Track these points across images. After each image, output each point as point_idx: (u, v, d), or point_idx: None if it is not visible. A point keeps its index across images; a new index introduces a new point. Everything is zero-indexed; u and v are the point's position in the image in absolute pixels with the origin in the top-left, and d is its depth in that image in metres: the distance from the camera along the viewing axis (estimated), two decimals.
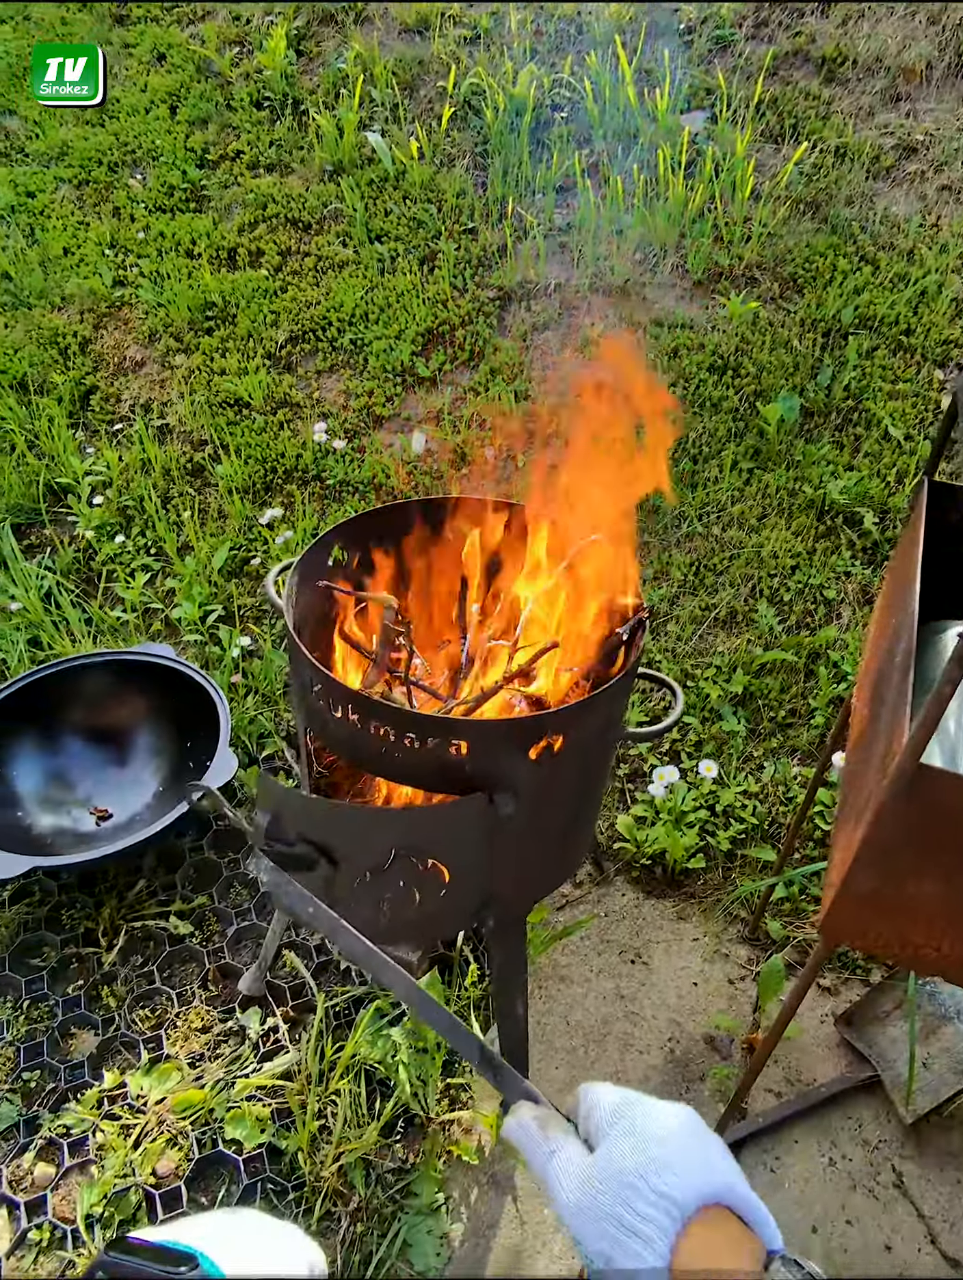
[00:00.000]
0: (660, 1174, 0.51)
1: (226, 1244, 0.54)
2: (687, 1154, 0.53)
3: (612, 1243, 0.51)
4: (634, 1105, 0.57)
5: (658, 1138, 0.54)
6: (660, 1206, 0.50)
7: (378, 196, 3.14)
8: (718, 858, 1.85)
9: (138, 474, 2.62)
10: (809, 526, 2.37)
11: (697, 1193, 0.51)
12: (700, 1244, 0.50)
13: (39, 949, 1.65)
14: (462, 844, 1.11)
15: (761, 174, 3.00)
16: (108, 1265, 0.51)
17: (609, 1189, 0.52)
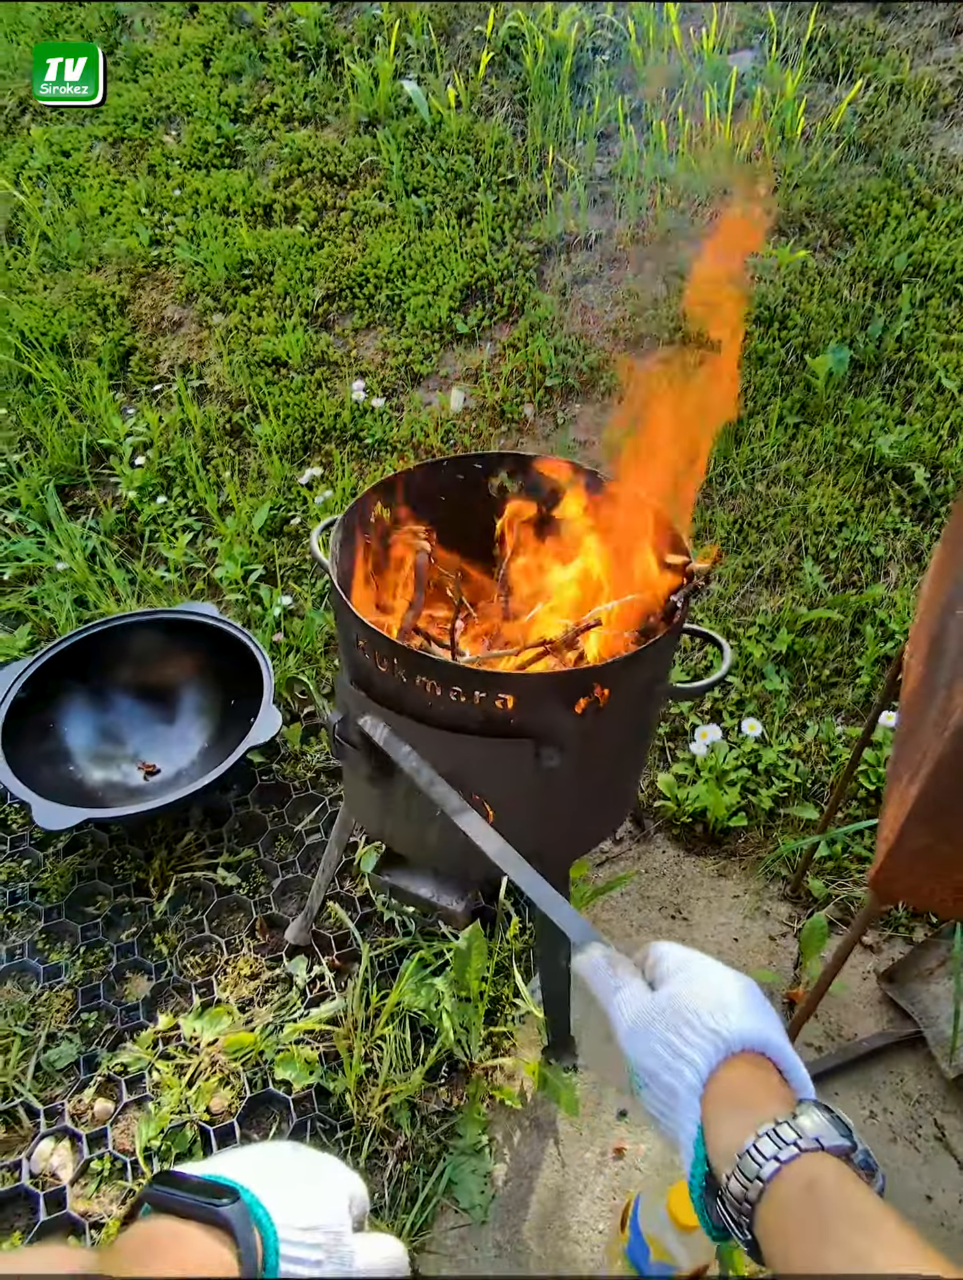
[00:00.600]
0: (713, 1013, 0.58)
1: (268, 1177, 0.56)
2: (741, 1003, 0.59)
3: (658, 1061, 0.58)
4: (699, 960, 0.64)
5: (717, 985, 0.60)
6: (708, 1039, 0.56)
7: (414, 148, 3.08)
8: (760, 816, 1.85)
9: (178, 435, 2.63)
10: (857, 483, 2.31)
11: (742, 1035, 0.56)
12: (736, 1075, 0.56)
13: (93, 898, 1.70)
14: (505, 786, 1.11)
15: (811, 115, 2.88)
16: (153, 1197, 0.52)
17: (665, 1018, 0.59)
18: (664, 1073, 0.58)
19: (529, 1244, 1.29)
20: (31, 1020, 1.51)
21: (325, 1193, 0.58)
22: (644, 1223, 1.02)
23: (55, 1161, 1.34)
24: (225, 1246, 0.49)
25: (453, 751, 1.10)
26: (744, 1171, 0.51)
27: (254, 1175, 0.55)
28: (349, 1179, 0.61)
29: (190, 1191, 0.52)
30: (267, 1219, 0.53)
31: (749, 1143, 0.51)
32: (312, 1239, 0.54)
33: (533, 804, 1.14)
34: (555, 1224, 1.31)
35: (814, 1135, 0.51)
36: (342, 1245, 0.56)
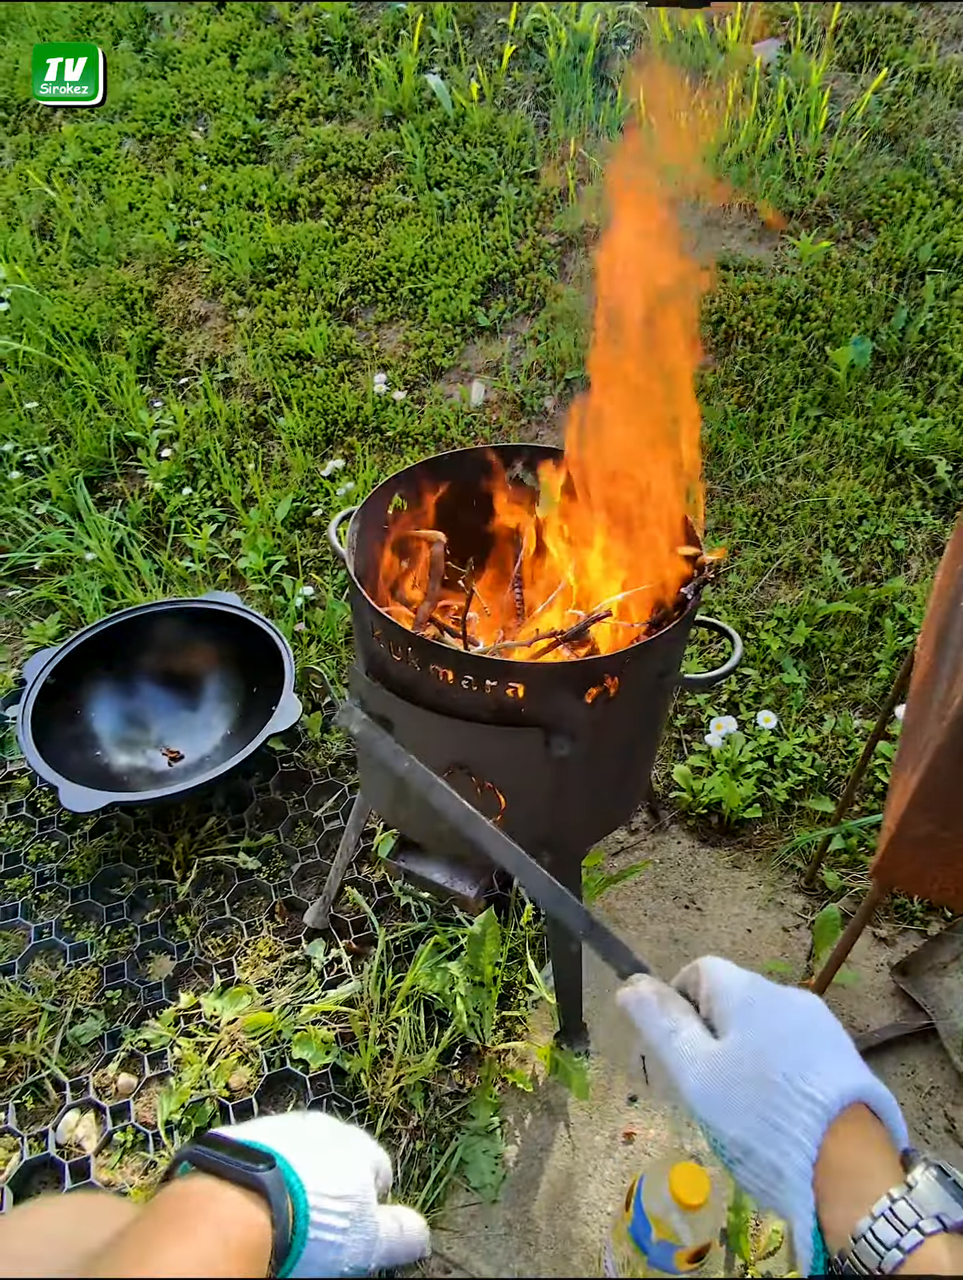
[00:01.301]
0: (803, 1073, 0.52)
1: (302, 1146, 0.58)
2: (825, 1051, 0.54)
3: (752, 1134, 0.52)
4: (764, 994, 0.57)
5: (797, 1033, 0.54)
6: (808, 1110, 0.51)
7: (438, 141, 3.10)
8: (775, 808, 1.85)
9: (203, 427, 2.67)
10: (878, 475, 2.30)
11: (839, 1093, 0.51)
12: (842, 1144, 0.51)
13: (118, 879, 1.75)
14: (516, 774, 1.14)
15: (836, 105, 2.86)
16: (194, 1156, 0.54)
17: (748, 1083, 0.53)
18: (763, 1149, 0.52)
19: (539, 1223, 1.31)
20: (59, 996, 1.56)
21: (354, 1164, 0.60)
22: (648, 1203, 1.04)
23: (80, 1132, 1.38)
24: (259, 1209, 0.52)
25: (465, 740, 1.13)
26: (862, 1259, 0.48)
27: (289, 1143, 0.58)
28: (376, 1152, 0.64)
29: (229, 1154, 0.54)
30: (299, 1185, 0.55)
31: (865, 1225, 0.48)
32: (340, 1207, 0.57)
33: (544, 792, 1.16)
34: (565, 1205, 1.33)
35: (935, 1212, 0.47)
36: (367, 1215, 0.58)
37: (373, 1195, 0.60)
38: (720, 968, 0.60)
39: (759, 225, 2.73)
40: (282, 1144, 0.57)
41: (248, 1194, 0.52)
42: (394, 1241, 0.60)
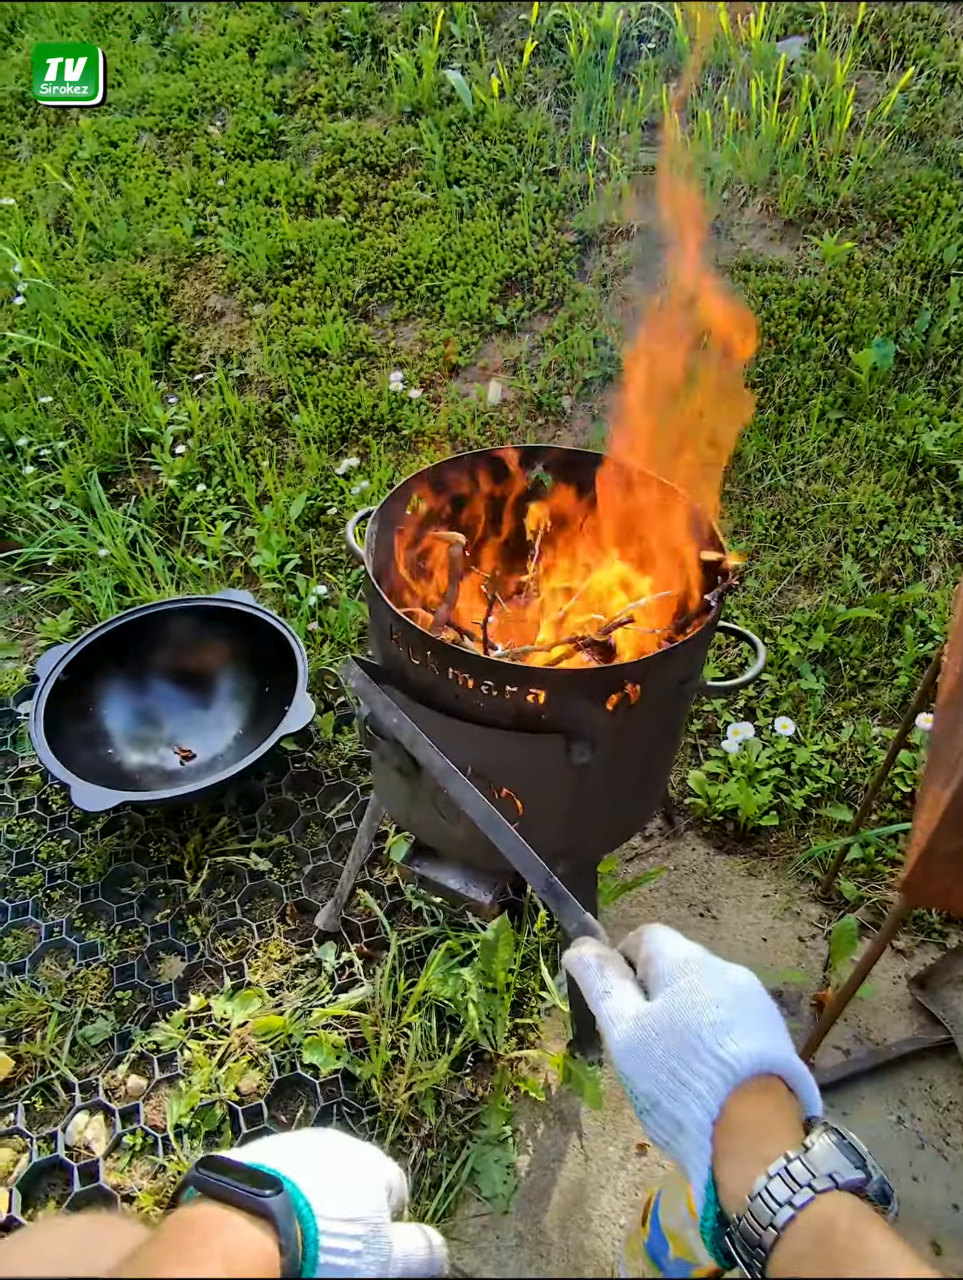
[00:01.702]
0: (719, 1037, 0.54)
1: (311, 1168, 0.57)
2: (747, 1020, 0.55)
3: (660, 1088, 0.55)
4: (699, 962, 0.60)
5: (719, 999, 0.56)
6: (716, 1069, 0.53)
7: (457, 138, 3.07)
8: (792, 816, 1.83)
9: (218, 424, 2.66)
10: (900, 480, 2.27)
11: (752, 1061, 0.53)
12: (745, 1106, 0.53)
13: (129, 879, 1.74)
14: (535, 781, 1.12)
15: (861, 104, 2.82)
16: (199, 1181, 0.53)
17: (665, 1040, 0.56)
18: (668, 1102, 0.55)
19: (550, 1235, 1.30)
20: (68, 996, 1.55)
21: (365, 1184, 0.58)
22: (665, 1218, 1.02)
23: (90, 1134, 1.37)
24: (267, 1235, 0.51)
25: (484, 745, 1.11)
26: (756, 1216, 0.49)
27: (297, 1166, 0.56)
28: (388, 1169, 0.62)
29: (235, 1179, 0.53)
30: (308, 1210, 0.54)
31: (761, 1184, 0.50)
32: (351, 1230, 0.55)
33: (563, 800, 1.15)
34: (577, 1217, 1.32)
35: (828, 1171, 0.49)
36: (379, 1236, 0.57)
37: (386, 1215, 0.59)
38: (663, 934, 0.63)
39: (781, 225, 2.70)
40: (289, 1167, 0.56)
41: (255, 1220, 0.51)
42: (410, 1260, 0.59)
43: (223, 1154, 0.56)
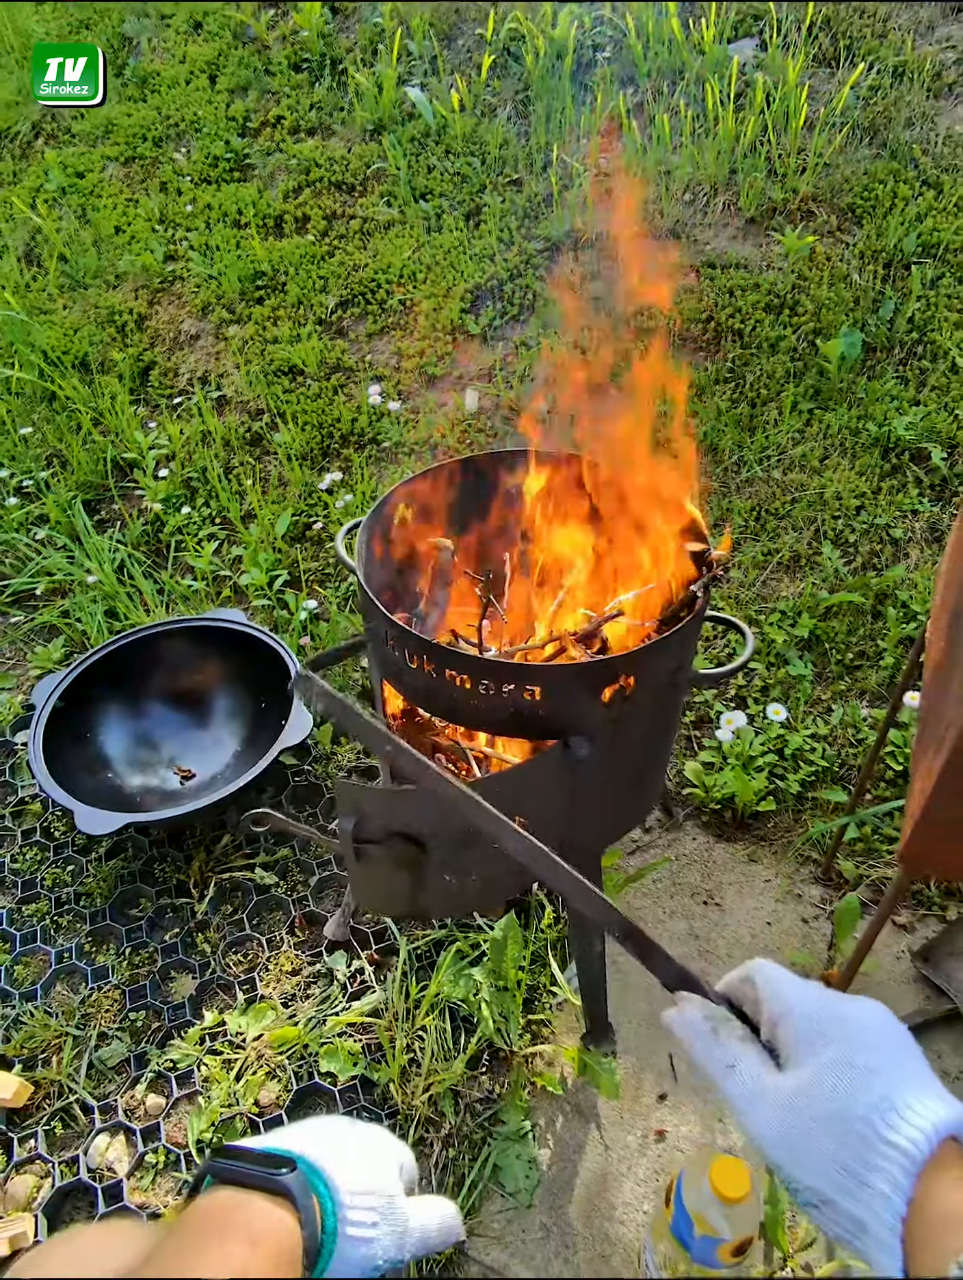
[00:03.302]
0: (887, 1118, 0.48)
1: (324, 1147, 0.58)
2: (908, 1083, 0.49)
3: (834, 1186, 0.49)
4: (837, 1019, 0.53)
5: (874, 1067, 0.50)
6: (895, 1161, 0.47)
7: (420, 153, 3.11)
8: (788, 800, 1.86)
9: (199, 446, 2.68)
10: (874, 465, 2.31)
11: (926, 1137, 0.47)
12: (933, 1189, 0.47)
13: (136, 900, 1.75)
14: (542, 795, 1.14)
15: (814, 101, 2.88)
16: (215, 1169, 0.54)
17: (828, 1129, 0.49)
18: (846, 1201, 0.49)
19: (575, 1225, 1.31)
20: (82, 1020, 1.55)
21: (378, 1160, 0.60)
22: (688, 1198, 1.04)
23: (111, 1156, 1.38)
24: (286, 1212, 0.52)
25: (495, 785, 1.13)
26: None
27: (310, 1145, 0.58)
28: (398, 1147, 0.64)
29: (251, 1163, 0.54)
30: (324, 1185, 0.55)
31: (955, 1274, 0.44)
32: (367, 1203, 0.57)
33: (563, 794, 1.17)
34: (600, 1206, 1.33)
35: None
36: (396, 1208, 0.58)
37: (400, 1188, 0.60)
38: (782, 982, 0.56)
39: (744, 223, 2.75)
40: (302, 1146, 0.58)
41: (273, 1199, 0.52)
42: (427, 1230, 0.60)
43: (236, 1143, 0.57)
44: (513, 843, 0.69)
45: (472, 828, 1.08)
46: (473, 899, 1.25)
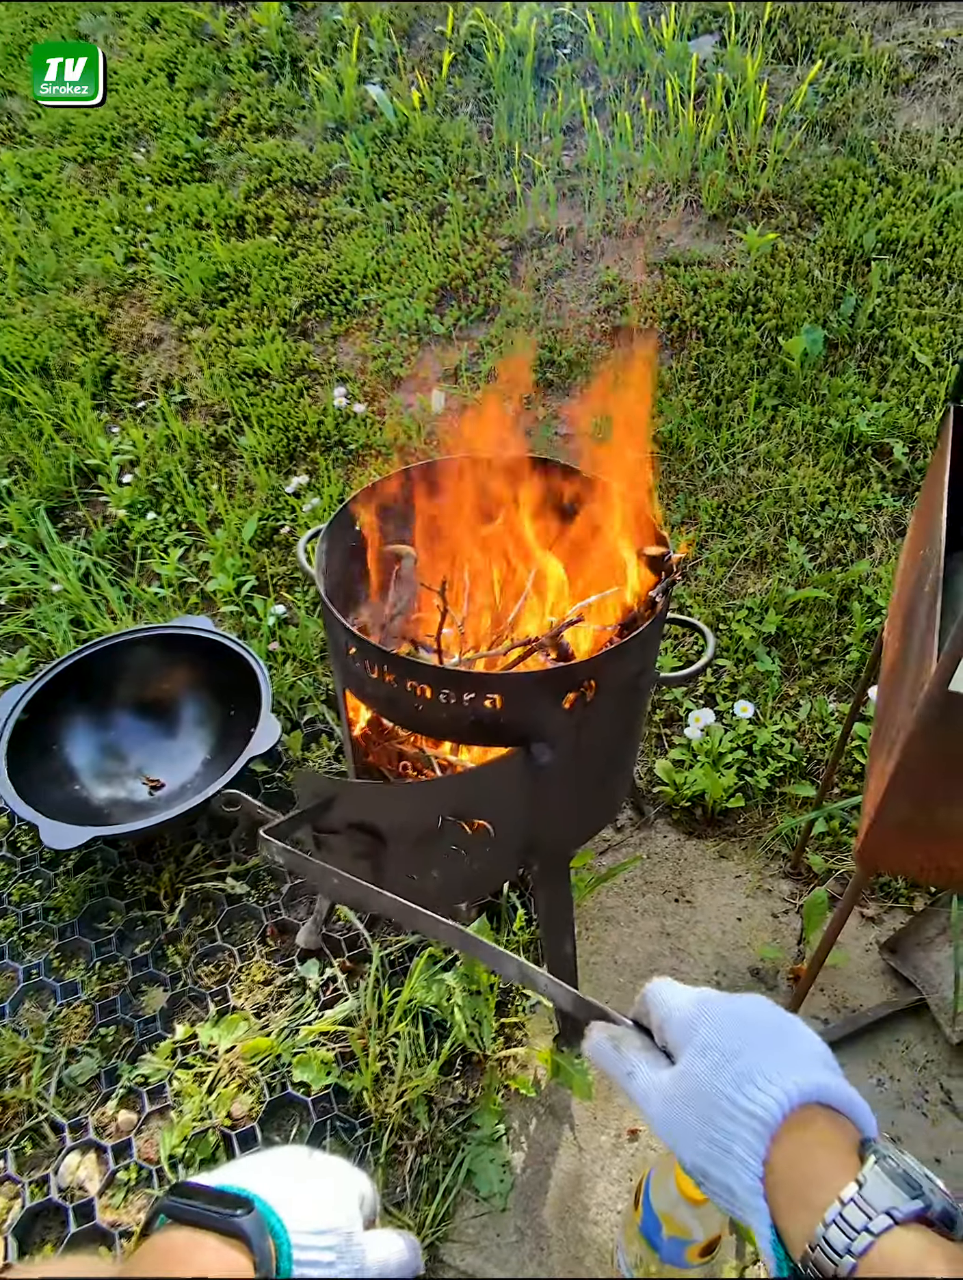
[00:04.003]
0: (743, 1088, 0.53)
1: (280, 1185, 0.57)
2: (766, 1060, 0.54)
3: (705, 1159, 0.54)
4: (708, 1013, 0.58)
5: (734, 1050, 0.55)
6: (747, 1126, 0.52)
7: (382, 152, 3.10)
8: (757, 796, 1.87)
9: (163, 450, 2.65)
10: (838, 461, 2.34)
11: (780, 1105, 0.52)
12: (791, 1150, 0.51)
13: (105, 913, 1.73)
14: (505, 799, 1.14)
15: (774, 98, 2.90)
16: (169, 1209, 0.53)
17: (695, 1107, 0.54)
18: (716, 1170, 0.54)
19: (549, 1227, 1.32)
20: (51, 1038, 1.54)
21: (336, 1195, 0.59)
22: (656, 1199, 1.05)
23: (82, 1174, 1.37)
24: (241, 1254, 0.51)
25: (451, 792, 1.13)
26: (821, 1268, 0.48)
27: (266, 1183, 0.57)
28: (358, 1179, 0.63)
29: (206, 1202, 0.53)
30: (280, 1226, 0.55)
31: (819, 1234, 0.48)
32: (323, 1241, 0.56)
33: (527, 800, 1.17)
34: (574, 1207, 1.34)
35: (884, 1208, 0.47)
36: (353, 1245, 0.58)
37: (359, 1224, 0.60)
38: (665, 993, 0.62)
39: (706, 220, 2.76)
40: (258, 1185, 0.57)
41: (228, 1241, 0.52)
42: (386, 1265, 0.60)
43: (192, 1179, 0.56)
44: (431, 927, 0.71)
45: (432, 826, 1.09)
46: (433, 897, 1.26)
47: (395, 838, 1.13)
